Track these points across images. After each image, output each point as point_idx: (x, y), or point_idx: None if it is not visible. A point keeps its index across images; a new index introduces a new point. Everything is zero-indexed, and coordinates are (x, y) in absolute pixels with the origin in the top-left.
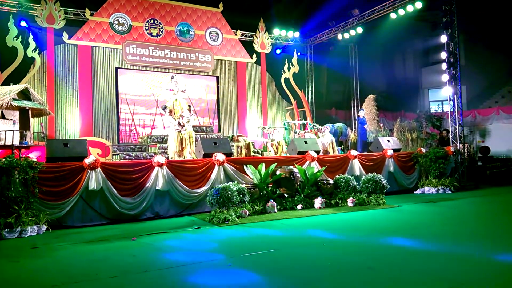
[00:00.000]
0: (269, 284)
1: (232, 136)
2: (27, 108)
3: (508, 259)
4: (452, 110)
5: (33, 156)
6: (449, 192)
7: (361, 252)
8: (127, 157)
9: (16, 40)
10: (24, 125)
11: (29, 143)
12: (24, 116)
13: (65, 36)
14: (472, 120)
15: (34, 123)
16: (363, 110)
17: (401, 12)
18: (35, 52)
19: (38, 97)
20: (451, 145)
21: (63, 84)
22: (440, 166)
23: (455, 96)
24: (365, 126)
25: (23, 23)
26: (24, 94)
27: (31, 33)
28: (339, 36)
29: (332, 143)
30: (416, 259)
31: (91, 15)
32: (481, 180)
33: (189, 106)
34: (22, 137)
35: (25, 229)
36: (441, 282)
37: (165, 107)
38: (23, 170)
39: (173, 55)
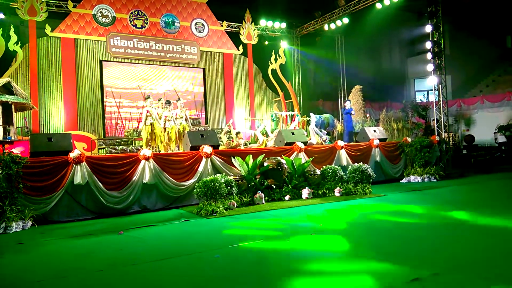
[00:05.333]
0: (257, 275)
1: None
2: (9, 102)
3: (491, 244)
4: (437, 99)
5: (17, 151)
6: (434, 180)
7: (347, 240)
8: (113, 150)
9: None
10: (7, 120)
11: (13, 138)
12: (7, 111)
13: (48, 28)
14: (457, 109)
15: (18, 117)
16: (349, 101)
17: (387, 2)
18: (17, 45)
19: (21, 91)
20: (436, 134)
21: (46, 77)
22: (426, 155)
23: (440, 85)
24: (352, 113)
25: (3, 16)
26: (7, 88)
27: (12, 26)
28: (326, 27)
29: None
30: (402, 244)
31: (74, 7)
32: (466, 168)
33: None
34: (6, 132)
35: (10, 225)
36: (424, 267)
37: (149, 97)
38: (7, 165)
39: (159, 47)
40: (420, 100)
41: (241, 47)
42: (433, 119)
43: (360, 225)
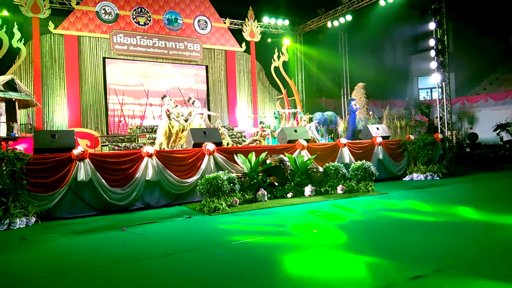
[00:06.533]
0: (259, 272)
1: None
2: (13, 99)
3: (493, 241)
4: (440, 97)
5: (21, 148)
6: (437, 178)
7: (348, 237)
8: (116, 148)
9: (0, 30)
10: (11, 116)
11: (16, 135)
12: (11, 108)
13: (51, 26)
14: (461, 107)
15: (21, 114)
16: (354, 99)
17: None
18: (20, 42)
19: (25, 88)
20: (439, 132)
21: (49, 74)
22: (429, 153)
23: (444, 83)
24: (357, 111)
25: (6, 13)
26: (10, 85)
27: (15, 23)
28: (329, 24)
29: None
30: (404, 241)
31: (77, 4)
32: (469, 166)
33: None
34: (9, 128)
35: (13, 221)
36: (426, 264)
37: (165, 96)
38: (11, 162)
39: (162, 44)
40: (423, 98)
41: (244, 44)
42: (436, 117)
43: (362, 222)
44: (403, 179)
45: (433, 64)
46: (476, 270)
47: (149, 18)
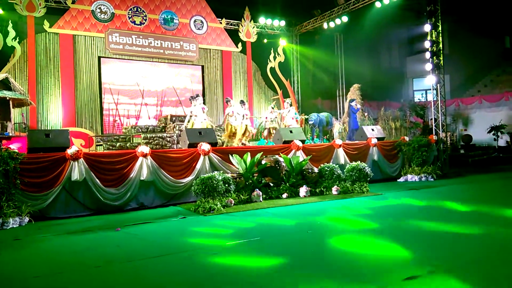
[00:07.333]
0: (253, 271)
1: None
2: (7, 98)
3: (487, 244)
4: (435, 99)
5: (14, 147)
6: (432, 179)
7: (344, 238)
8: (111, 147)
9: None
10: (5, 115)
11: (10, 134)
12: (5, 107)
13: (46, 24)
14: (455, 109)
15: (15, 113)
16: (354, 99)
17: (386, 1)
18: (15, 41)
19: (19, 87)
20: (433, 133)
21: (44, 73)
22: (423, 154)
23: (438, 85)
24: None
25: (1, 11)
26: (4, 84)
27: (10, 21)
28: (325, 25)
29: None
30: (398, 242)
31: (73, 2)
32: (463, 168)
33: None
34: (3, 127)
35: (7, 221)
36: (421, 265)
37: (198, 95)
38: (4, 161)
39: (157, 43)
40: (418, 99)
41: (240, 44)
42: (431, 119)
43: (356, 223)
44: (398, 180)
45: (428, 66)
46: (471, 272)
47: (145, 18)
